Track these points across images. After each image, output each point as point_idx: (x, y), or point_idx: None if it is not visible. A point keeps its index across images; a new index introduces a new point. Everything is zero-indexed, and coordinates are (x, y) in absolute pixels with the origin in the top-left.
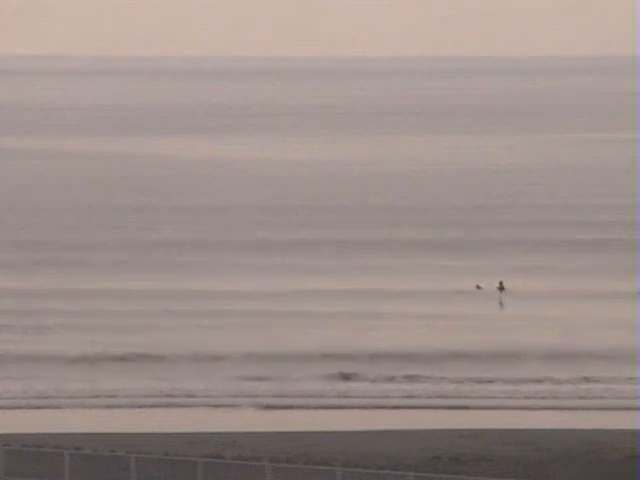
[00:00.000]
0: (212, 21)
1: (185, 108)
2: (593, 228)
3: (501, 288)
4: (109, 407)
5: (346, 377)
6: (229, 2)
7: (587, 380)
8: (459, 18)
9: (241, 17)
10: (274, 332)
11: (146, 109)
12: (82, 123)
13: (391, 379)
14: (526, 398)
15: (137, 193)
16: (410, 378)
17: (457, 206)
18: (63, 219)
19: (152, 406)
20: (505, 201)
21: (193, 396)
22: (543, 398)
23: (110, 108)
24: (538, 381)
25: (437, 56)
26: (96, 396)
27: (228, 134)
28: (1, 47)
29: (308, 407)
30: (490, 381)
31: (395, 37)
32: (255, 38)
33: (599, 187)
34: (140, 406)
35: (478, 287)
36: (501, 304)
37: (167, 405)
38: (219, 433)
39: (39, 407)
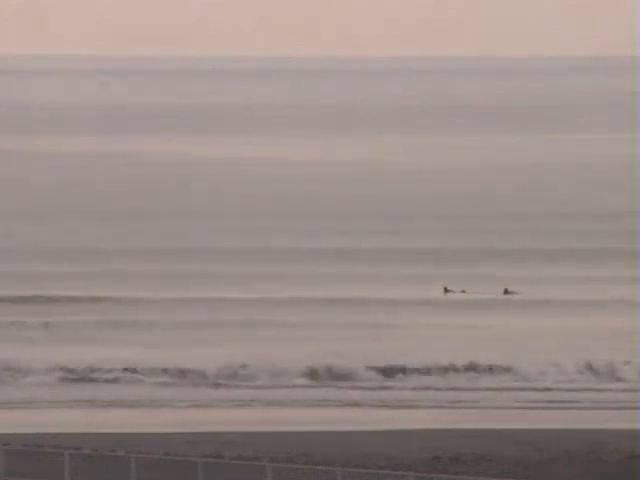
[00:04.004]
0: (212, 21)
1: (185, 108)
2: (592, 235)
3: (506, 293)
4: (109, 407)
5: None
6: (229, 2)
7: (588, 389)
8: (459, 18)
9: (241, 17)
10: (272, 339)
11: (146, 109)
12: (82, 123)
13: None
14: (526, 401)
15: (137, 194)
16: (413, 388)
17: (457, 210)
18: (62, 221)
19: (152, 406)
20: (506, 206)
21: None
22: (543, 402)
23: (110, 108)
24: (537, 390)
25: (437, 56)
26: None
27: (228, 134)
28: (1, 47)
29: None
30: (490, 389)
31: (395, 37)
32: (255, 38)
33: (599, 189)
34: (140, 406)
35: (446, 290)
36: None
37: (167, 405)
38: (219, 433)
39: (39, 407)
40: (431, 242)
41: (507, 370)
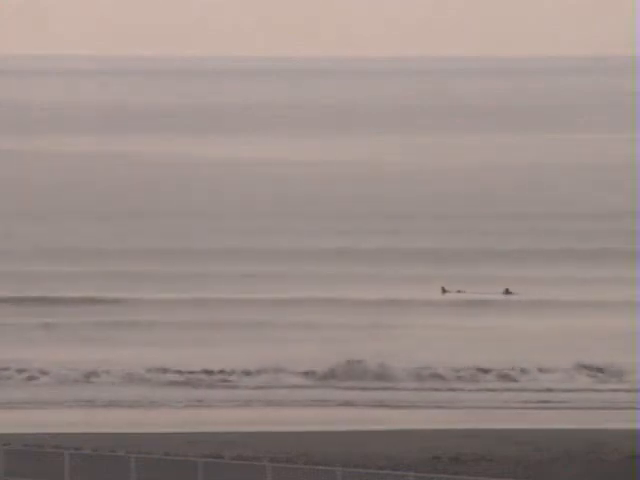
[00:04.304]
0: (212, 21)
1: (185, 108)
2: (592, 235)
3: (507, 293)
4: (109, 407)
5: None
6: (229, 2)
7: (588, 389)
8: (459, 18)
9: (241, 17)
10: (272, 340)
11: (146, 109)
12: (82, 123)
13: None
14: (526, 401)
15: (137, 194)
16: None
17: (457, 210)
18: (62, 221)
19: (152, 406)
20: (506, 206)
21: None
22: (543, 402)
23: (110, 108)
24: (537, 390)
25: (437, 56)
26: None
27: (228, 134)
28: (1, 47)
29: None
30: (490, 389)
31: (395, 37)
32: (255, 38)
33: (599, 189)
34: (140, 406)
35: (444, 290)
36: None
37: (167, 405)
38: (219, 433)
39: (39, 407)
40: (431, 242)
41: (507, 370)
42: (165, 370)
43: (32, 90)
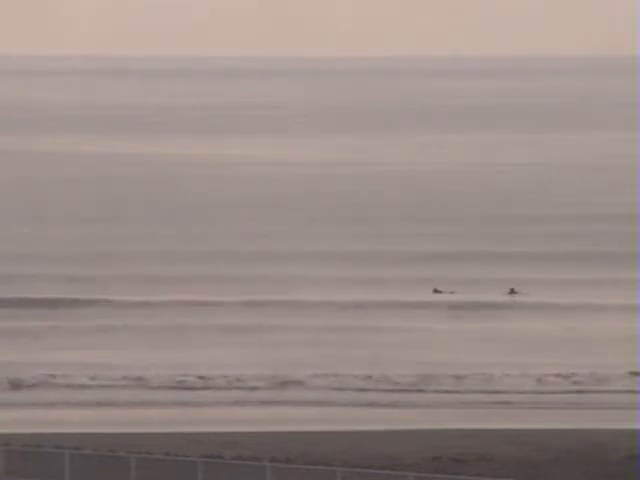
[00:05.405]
0: (213, 21)
1: (185, 108)
2: (592, 237)
3: (512, 292)
4: (109, 407)
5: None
6: (229, 2)
7: (588, 390)
8: (460, 18)
9: (241, 17)
10: (267, 343)
11: (146, 109)
12: (82, 123)
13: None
14: (526, 401)
15: (137, 194)
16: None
17: (457, 211)
18: (62, 222)
19: (152, 406)
20: (505, 207)
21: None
22: (543, 402)
23: (110, 108)
24: (538, 392)
25: (437, 56)
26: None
27: (228, 134)
28: (2, 47)
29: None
30: (490, 390)
31: (396, 37)
32: (255, 38)
33: (599, 189)
34: (140, 406)
35: (436, 291)
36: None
37: (167, 405)
38: (219, 433)
39: (39, 407)
40: (430, 243)
41: (507, 371)
42: (165, 371)
43: (32, 90)
